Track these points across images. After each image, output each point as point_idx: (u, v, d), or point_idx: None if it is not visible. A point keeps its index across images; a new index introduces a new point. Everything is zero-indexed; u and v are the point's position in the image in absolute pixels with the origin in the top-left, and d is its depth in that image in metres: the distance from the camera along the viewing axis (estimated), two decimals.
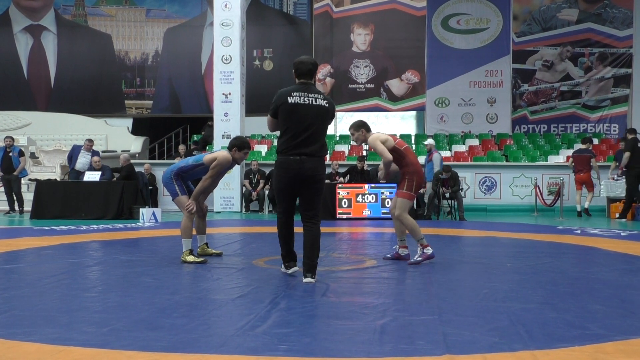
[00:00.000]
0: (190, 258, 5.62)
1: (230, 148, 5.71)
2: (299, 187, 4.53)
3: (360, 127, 5.66)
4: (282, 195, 4.64)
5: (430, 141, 13.06)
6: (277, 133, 4.65)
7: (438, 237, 8.36)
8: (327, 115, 4.58)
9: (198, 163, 5.82)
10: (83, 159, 12.69)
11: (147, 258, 6.03)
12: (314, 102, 4.48)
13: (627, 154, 11.64)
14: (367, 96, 18.31)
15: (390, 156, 5.46)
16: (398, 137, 7.50)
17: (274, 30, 18.66)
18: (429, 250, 5.61)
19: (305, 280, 4.51)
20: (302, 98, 4.46)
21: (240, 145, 5.67)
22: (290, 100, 4.45)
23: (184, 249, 5.71)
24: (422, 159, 12.25)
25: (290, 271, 4.84)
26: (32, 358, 2.73)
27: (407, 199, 5.64)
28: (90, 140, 12.81)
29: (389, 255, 6.03)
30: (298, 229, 4.77)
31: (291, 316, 3.50)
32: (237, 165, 6.37)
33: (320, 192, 4.62)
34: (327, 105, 4.56)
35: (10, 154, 12.74)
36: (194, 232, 6.01)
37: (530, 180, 13.68)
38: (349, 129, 5.79)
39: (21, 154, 12.98)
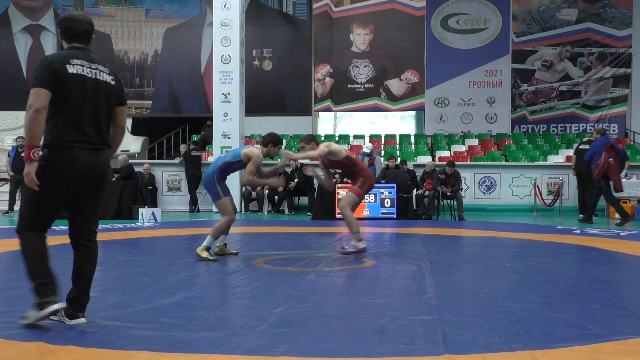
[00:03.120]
0: (205, 254, 5.79)
1: (266, 144, 6.01)
2: (80, 191, 3.27)
3: (311, 141, 6.23)
4: (50, 205, 3.24)
5: (369, 145, 13.44)
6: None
7: (438, 237, 8.36)
8: (114, 97, 3.39)
9: (236, 160, 6.00)
10: None
11: (147, 258, 6.04)
12: (98, 77, 3.30)
13: (572, 156, 12.32)
14: (367, 96, 18.30)
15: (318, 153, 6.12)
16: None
17: (273, 30, 18.65)
18: (362, 244, 6.06)
19: (75, 322, 3.25)
20: (84, 68, 3.25)
21: (275, 141, 6.04)
22: (71, 69, 3.20)
23: (205, 244, 5.87)
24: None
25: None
26: (32, 358, 2.74)
27: (355, 194, 6.19)
28: None
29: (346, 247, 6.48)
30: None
31: (291, 316, 3.50)
32: None
33: (104, 197, 3.46)
34: (113, 82, 3.38)
35: (23, 154, 12.78)
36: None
37: (530, 180, 13.67)
38: (300, 143, 6.35)
39: None
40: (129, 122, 18.97)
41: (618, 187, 10.83)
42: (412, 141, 17.25)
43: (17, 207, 12.68)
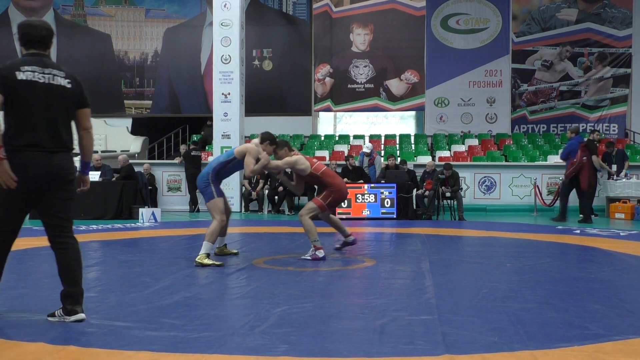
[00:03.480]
0: (208, 261, 5.51)
1: (263, 141, 5.99)
2: (38, 194, 3.39)
3: (284, 146, 6.13)
4: (13, 208, 3.39)
5: (369, 145, 13.45)
6: None
7: (438, 237, 8.36)
8: (71, 100, 3.45)
9: (230, 158, 5.98)
10: None
11: (147, 258, 6.04)
12: (52, 81, 3.36)
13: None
14: (367, 96, 18.29)
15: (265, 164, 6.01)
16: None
17: (273, 30, 18.65)
18: (320, 253, 5.93)
19: (74, 318, 3.34)
20: (36, 74, 3.32)
21: (272, 140, 6.03)
22: (20, 76, 3.28)
23: (203, 251, 5.58)
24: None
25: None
26: (32, 358, 2.74)
27: (317, 205, 6.11)
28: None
29: (338, 245, 6.66)
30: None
31: (291, 316, 3.50)
32: None
33: (74, 197, 3.52)
34: (69, 86, 3.43)
35: None
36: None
37: (530, 180, 13.67)
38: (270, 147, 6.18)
39: None
40: (129, 122, 18.99)
41: (585, 185, 10.93)
42: (412, 141, 17.24)
43: None
